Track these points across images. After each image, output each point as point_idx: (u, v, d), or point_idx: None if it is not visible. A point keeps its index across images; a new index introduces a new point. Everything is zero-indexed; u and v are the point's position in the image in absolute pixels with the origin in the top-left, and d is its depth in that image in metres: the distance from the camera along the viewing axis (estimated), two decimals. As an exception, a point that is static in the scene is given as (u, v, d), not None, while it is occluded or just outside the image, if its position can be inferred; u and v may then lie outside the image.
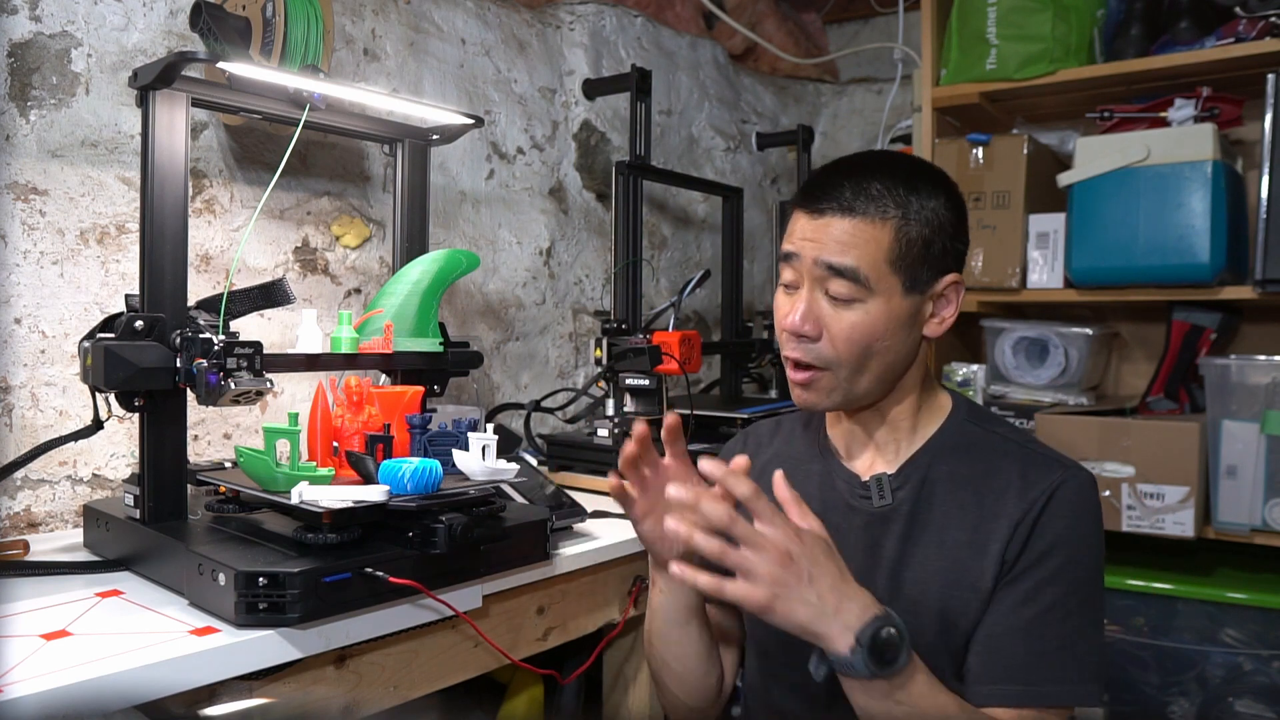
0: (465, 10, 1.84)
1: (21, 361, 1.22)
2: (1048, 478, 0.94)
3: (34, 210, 1.23)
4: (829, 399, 0.96)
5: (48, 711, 0.73)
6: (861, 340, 0.92)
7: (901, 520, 0.96)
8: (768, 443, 1.14)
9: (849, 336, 0.92)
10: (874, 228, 0.91)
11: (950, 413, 1.01)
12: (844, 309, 0.92)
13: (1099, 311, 2.16)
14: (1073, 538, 0.92)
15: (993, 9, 1.93)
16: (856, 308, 0.92)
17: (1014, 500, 0.93)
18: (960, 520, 0.94)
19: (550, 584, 1.24)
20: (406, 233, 1.39)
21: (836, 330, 0.92)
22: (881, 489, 0.98)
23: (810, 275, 0.93)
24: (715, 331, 2.45)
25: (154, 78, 1.03)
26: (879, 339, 0.92)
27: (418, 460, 0.99)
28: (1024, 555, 0.91)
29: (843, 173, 0.94)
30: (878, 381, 0.95)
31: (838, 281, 0.91)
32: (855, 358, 0.93)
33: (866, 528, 0.98)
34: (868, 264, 0.91)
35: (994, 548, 0.92)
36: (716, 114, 2.53)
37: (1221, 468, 1.67)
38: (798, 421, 1.13)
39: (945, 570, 0.93)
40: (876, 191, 0.91)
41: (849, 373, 0.94)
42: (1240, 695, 1.64)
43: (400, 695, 1.06)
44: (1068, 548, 0.91)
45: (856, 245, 0.91)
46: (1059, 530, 0.91)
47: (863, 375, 0.94)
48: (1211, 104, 1.79)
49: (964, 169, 1.96)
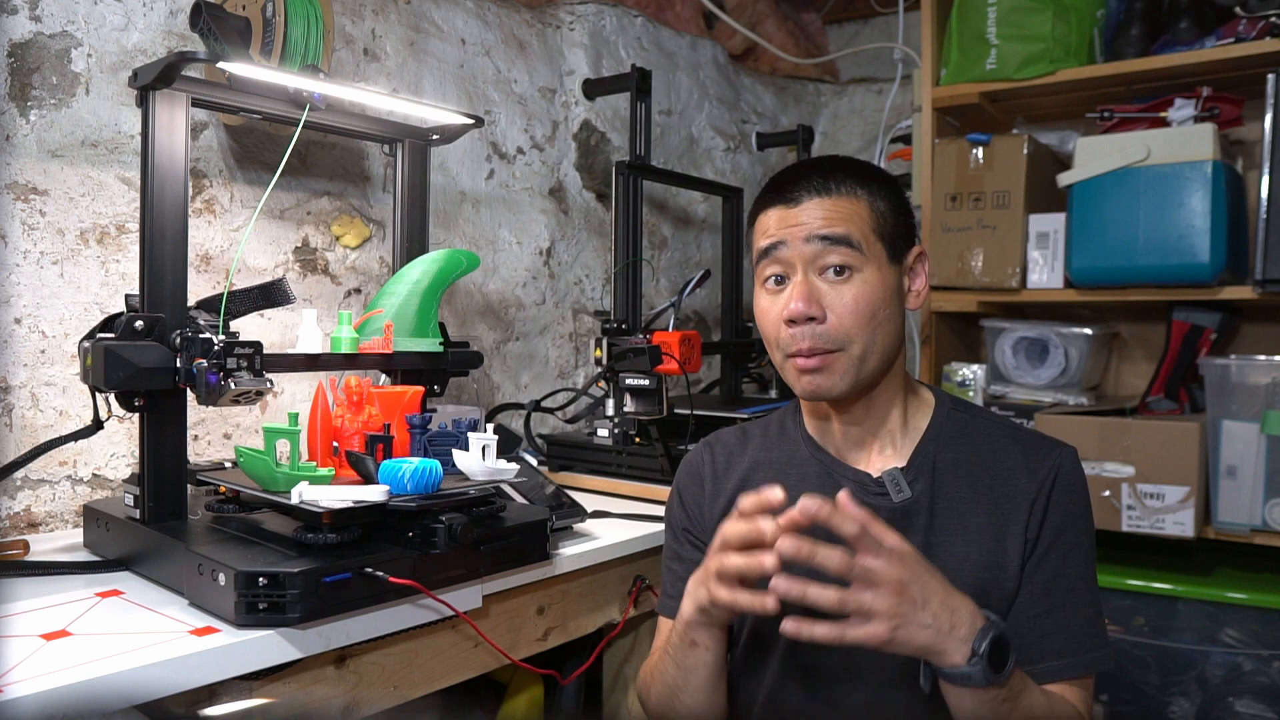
0: (465, 10, 1.84)
1: (21, 361, 1.22)
2: (1050, 456, 0.98)
3: (34, 210, 1.23)
4: (843, 381, 0.95)
5: (48, 711, 0.73)
6: (867, 310, 0.93)
7: (924, 512, 0.97)
8: (739, 450, 1.10)
9: (855, 309, 0.93)
10: (851, 202, 0.95)
11: (936, 404, 1.04)
12: (843, 284, 0.94)
13: (1099, 311, 2.16)
14: (1079, 511, 0.98)
15: (993, 9, 1.93)
16: (855, 279, 0.94)
17: (1024, 480, 0.97)
18: (977, 505, 0.97)
19: (550, 584, 1.24)
20: (406, 233, 1.39)
21: (840, 307, 0.93)
22: (898, 484, 0.98)
23: (802, 258, 0.94)
24: (715, 331, 2.45)
25: (154, 78, 1.03)
26: (881, 307, 0.94)
27: (418, 460, 0.99)
28: (1043, 531, 0.95)
29: (803, 168, 0.99)
30: (881, 359, 0.96)
31: (834, 252, 0.93)
32: (864, 331, 0.94)
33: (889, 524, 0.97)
34: (856, 231, 0.94)
35: (1015, 527, 0.95)
36: (716, 114, 2.53)
37: (1221, 468, 1.67)
38: (768, 425, 1.11)
39: (974, 554, 0.95)
40: (841, 175, 0.97)
41: (860, 349, 0.94)
42: (1240, 695, 1.64)
43: (400, 695, 1.06)
44: (1078, 521, 0.97)
45: (841, 218, 0.94)
46: (1068, 506, 0.96)
47: (871, 352, 0.95)
48: (1211, 104, 1.79)
49: (964, 169, 1.96)
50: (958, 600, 0.81)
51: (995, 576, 0.94)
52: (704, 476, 1.10)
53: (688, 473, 1.12)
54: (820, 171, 0.97)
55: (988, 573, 0.94)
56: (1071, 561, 0.95)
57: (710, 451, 1.12)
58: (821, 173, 0.97)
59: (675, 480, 1.14)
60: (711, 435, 1.15)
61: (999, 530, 0.95)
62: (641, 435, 1.64)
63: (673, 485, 1.14)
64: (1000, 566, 0.94)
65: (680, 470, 1.14)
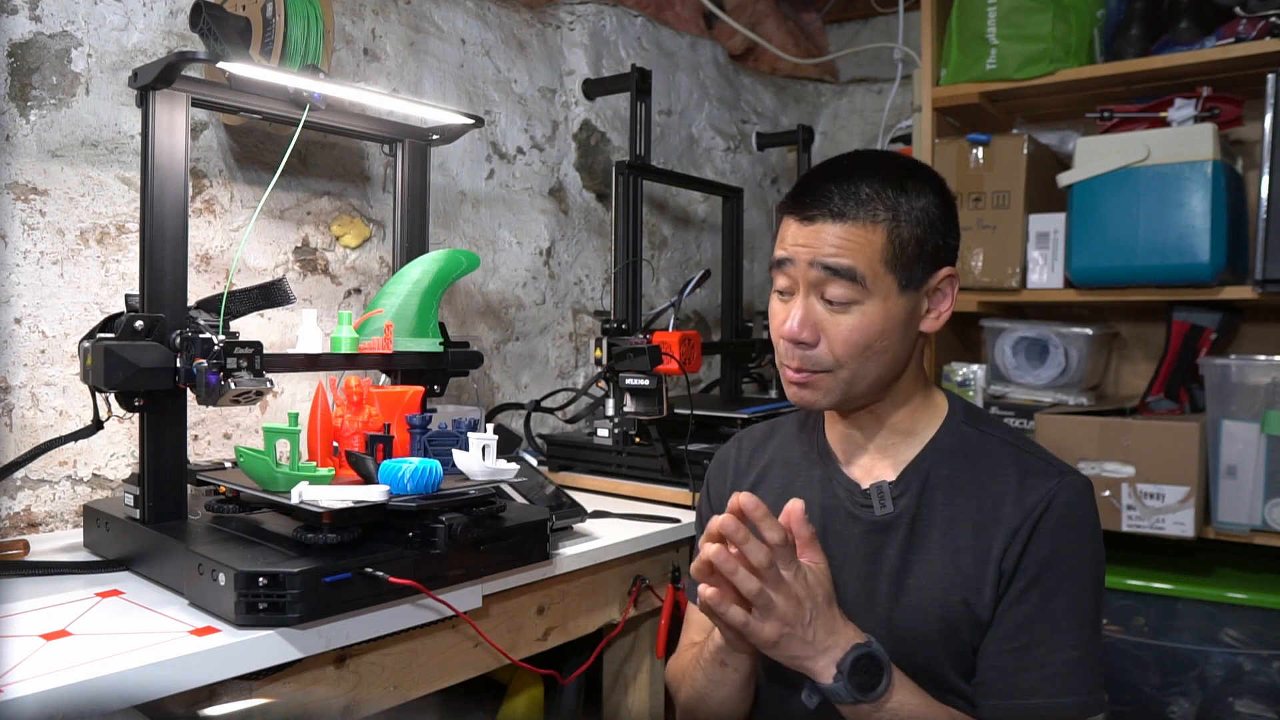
0: (465, 10, 1.84)
1: (21, 361, 1.22)
2: (1044, 486, 0.93)
3: (34, 210, 1.23)
4: (826, 398, 0.96)
5: (48, 711, 0.73)
6: (860, 342, 0.92)
7: (903, 528, 0.96)
8: (762, 447, 1.13)
9: (847, 339, 0.92)
10: (866, 231, 0.91)
11: (947, 415, 1.01)
12: (841, 313, 0.92)
13: (1099, 311, 2.16)
14: (1074, 547, 0.92)
15: (993, 9, 1.93)
16: (854, 310, 0.92)
17: (1011, 507, 0.93)
18: (960, 525, 0.94)
19: (550, 584, 1.24)
20: (406, 233, 1.39)
21: (835, 335, 0.92)
22: (883, 497, 0.97)
23: (805, 280, 0.93)
24: (715, 331, 2.45)
25: (154, 78, 1.03)
26: (877, 339, 0.92)
27: (418, 460, 0.99)
28: (1022, 566, 0.91)
29: (830, 178, 0.93)
30: (876, 381, 0.95)
31: (835, 284, 0.91)
32: (854, 360, 0.93)
33: (867, 536, 0.97)
34: (864, 264, 0.90)
35: (993, 554, 0.92)
36: (716, 114, 2.53)
37: (1221, 468, 1.67)
38: (793, 423, 1.12)
39: (947, 575, 0.93)
40: (866, 195, 0.91)
41: (849, 374, 0.94)
42: (1240, 695, 1.64)
43: (400, 695, 1.06)
44: (1067, 559, 0.91)
45: (851, 248, 0.91)
46: (1059, 539, 0.91)
47: (862, 376, 0.94)
48: (1211, 104, 1.78)
49: (964, 169, 1.96)
50: (841, 626, 0.88)
51: (968, 600, 0.92)
52: (728, 471, 1.14)
53: (716, 466, 1.17)
54: (843, 185, 0.92)
55: (958, 595, 0.92)
56: (1059, 598, 0.90)
57: (738, 446, 1.16)
58: (844, 188, 0.91)
59: (706, 473, 1.19)
60: (744, 430, 1.19)
61: (980, 555, 0.92)
62: (641, 435, 1.64)
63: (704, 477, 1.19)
64: (976, 591, 0.91)
65: (711, 463, 1.18)
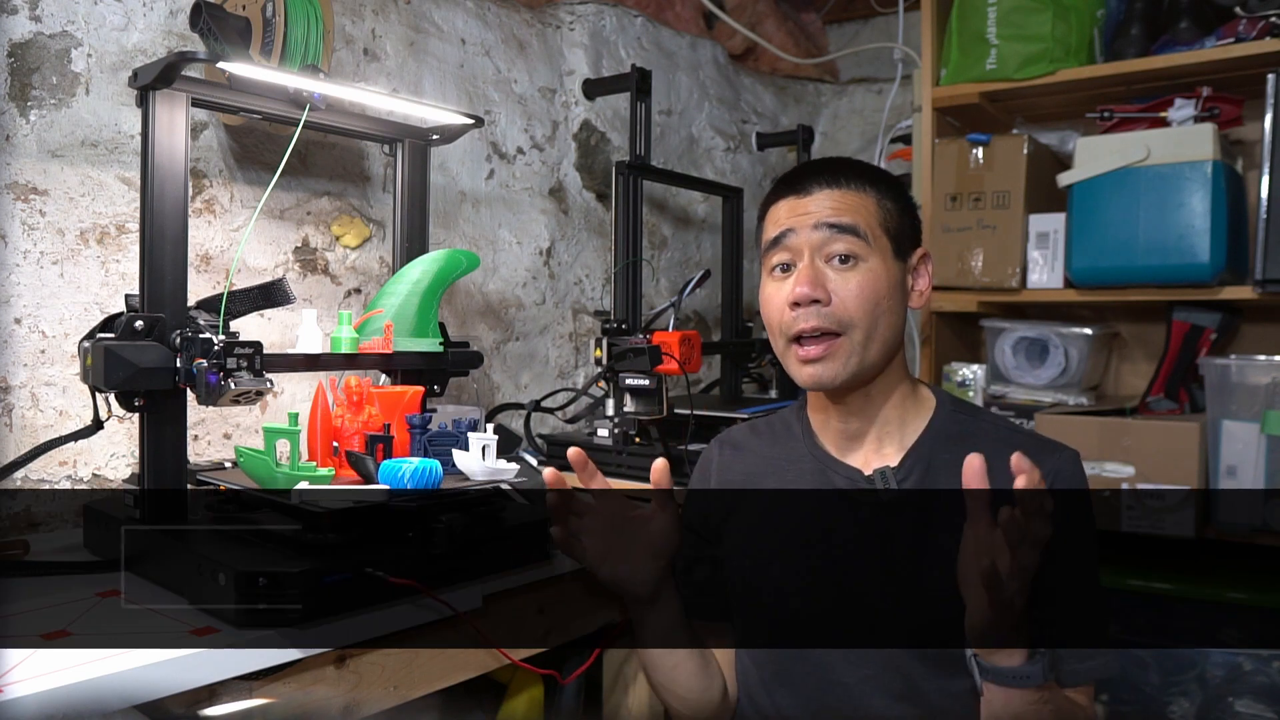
0: (465, 10, 1.84)
1: (21, 361, 1.22)
2: (1047, 462, 0.96)
3: (34, 210, 1.23)
4: (845, 369, 0.96)
5: (48, 711, 0.73)
6: (871, 296, 0.95)
7: (912, 509, 0.97)
8: (747, 446, 1.13)
9: (859, 294, 0.95)
10: (859, 196, 0.99)
11: (937, 405, 1.04)
12: (848, 271, 0.96)
13: (1099, 311, 2.16)
14: (1077, 517, 0.96)
15: (993, 9, 1.93)
16: (860, 267, 0.96)
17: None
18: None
19: (550, 584, 1.24)
20: (406, 233, 1.39)
21: (845, 292, 0.95)
22: (887, 480, 0.99)
23: (810, 244, 0.97)
24: (715, 331, 2.45)
25: (154, 78, 1.03)
26: (884, 298, 0.96)
27: (418, 460, 0.99)
28: None
29: (814, 164, 1.03)
30: (883, 349, 0.98)
31: (839, 240, 0.96)
32: (867, 317, 0.95)
33: (875, 521, 0.98)
34: (864, 223, 0.97)
35: None
36: (716, 114, 2.53)
37: (1221, 468, 1.67)
38: (777, 423, 1.13)
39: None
40: (851, 172, 1.00)
41: (863, 335, 0.96)
42: (1240, 695, 1.64)
43: (400, 695, 1.06)
44: (1079, 526, 0.96)
45: (849, 209, 0.98)
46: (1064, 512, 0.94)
47: (873, 341, 0.96)
48: (1211, 104, 1.79)
49: (964, 169, 1.96)
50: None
51: None
52: (710, 473, 1.14)
53: (698, 469, 1.17)
54: (830, 167, 1.01)
55: None
56: (1078, 567, 0.94)
57: (719, 448, 1.15)
58: (831, 168, 1.01)
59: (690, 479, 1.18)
60: (725, 431, 1.18)
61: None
62: (641, 435, 1.64)
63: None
64: None
65: (696, 466, 1.18)
